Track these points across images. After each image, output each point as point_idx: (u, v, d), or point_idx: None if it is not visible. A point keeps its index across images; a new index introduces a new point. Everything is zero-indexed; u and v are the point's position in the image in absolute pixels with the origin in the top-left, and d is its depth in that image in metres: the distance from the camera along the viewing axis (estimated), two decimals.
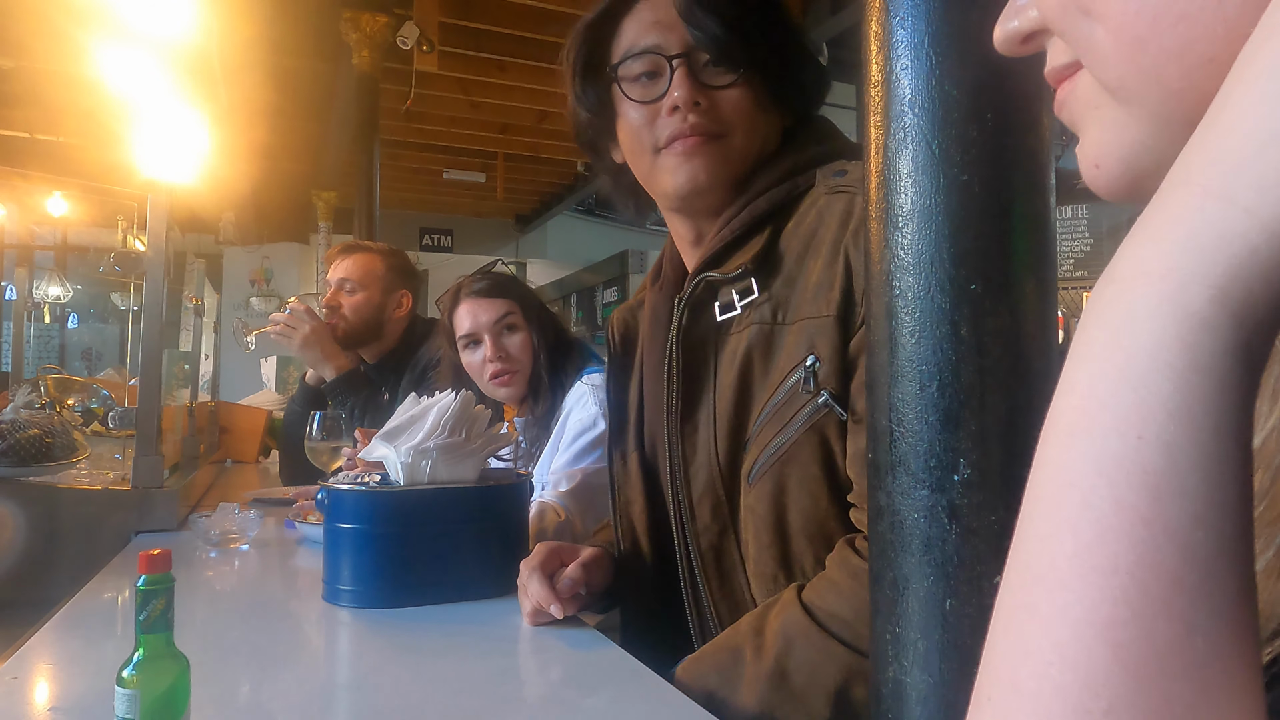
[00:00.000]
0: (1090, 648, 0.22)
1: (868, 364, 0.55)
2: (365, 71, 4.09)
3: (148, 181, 1.84)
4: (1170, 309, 0.24)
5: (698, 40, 0.95)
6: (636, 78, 0.98)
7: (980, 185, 0.49)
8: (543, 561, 1.07)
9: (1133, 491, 0.23)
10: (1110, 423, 0.24)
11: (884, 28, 0.51)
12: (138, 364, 1.86)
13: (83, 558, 1.52)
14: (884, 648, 0.51)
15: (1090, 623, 0.23)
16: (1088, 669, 0.22)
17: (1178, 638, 0.22)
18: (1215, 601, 0.22)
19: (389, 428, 1.26)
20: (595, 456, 1.57)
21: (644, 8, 0.99)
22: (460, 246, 8.63)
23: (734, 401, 0.93)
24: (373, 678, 0.95)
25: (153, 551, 0.64)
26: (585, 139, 1.10)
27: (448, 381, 1.76)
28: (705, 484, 0.96)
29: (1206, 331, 0.23)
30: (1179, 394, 0.23)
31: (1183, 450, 0.23)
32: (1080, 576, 0.23)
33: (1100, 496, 0.24)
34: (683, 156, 0.96)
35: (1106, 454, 0.24)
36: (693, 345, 0.97)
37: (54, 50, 2.56)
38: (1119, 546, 0.23)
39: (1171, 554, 0.22)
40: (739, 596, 0.96)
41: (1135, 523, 0.23)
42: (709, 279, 0.95)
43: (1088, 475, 0.24)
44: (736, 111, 0.96)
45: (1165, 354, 0.23)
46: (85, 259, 6.08)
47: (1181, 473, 0.23)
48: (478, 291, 1.74)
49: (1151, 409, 0.23)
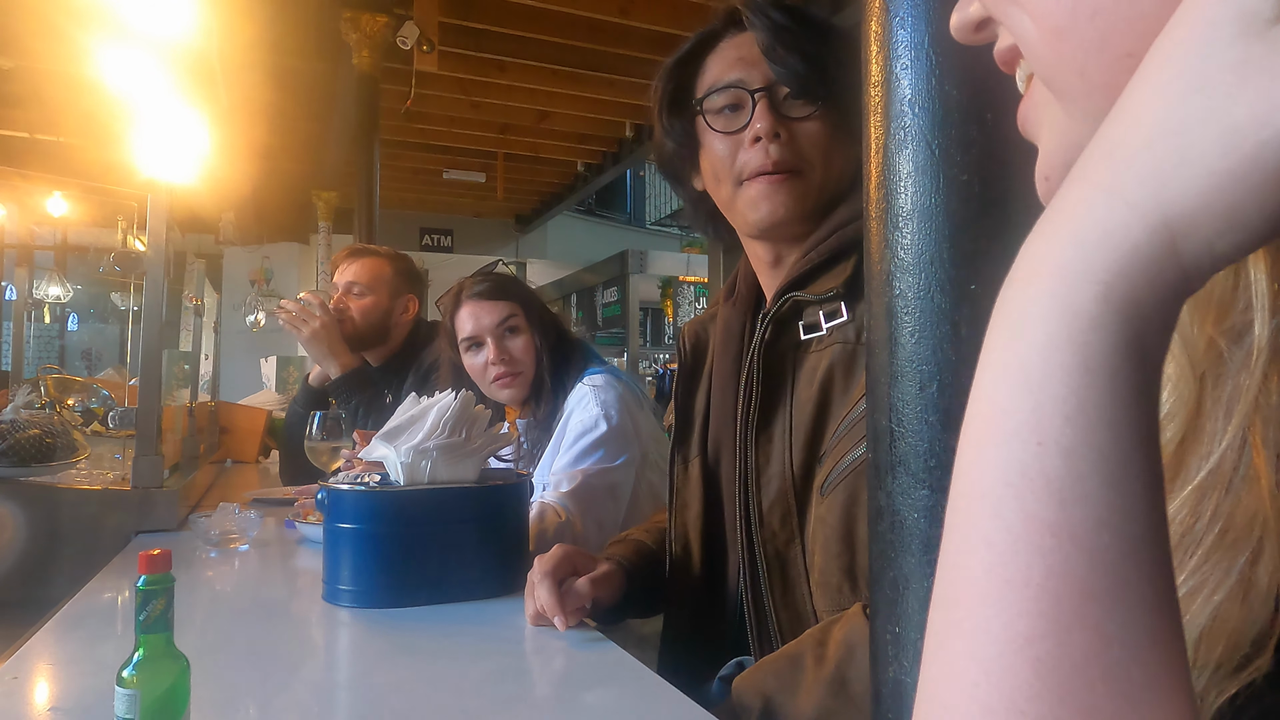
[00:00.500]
0: (1011, 664, 0.22)
1: (868, 364, 0.55)
2: (365, 71, 4.08)
3: (148, 181, 1.84)
4: (1059, 308, 0.23)
5: (778, 75, 1.00)
6: (720, 110, 1.04)
7: (980, 185, 0.49)
8: (555, 567, 1.07)
9: (1037, 500, 0.23)
10: (1012, 429, 0.24)
11: (884, 28, 0.51)
12: (138, 364, 1.86)
13: (83, 558, 1.52)
14: (884, 648, 0.51)
15: (1010, 639, 0.22)
16: (1012, 686, 0.22)
17: (1093, 647, 0.22)
18: (1129, 607, 0.22)
19: (389, 428, 1.26)
20: (596, 458, 1.57)
21: (727, 46, 1.05)
22: (460, 246, 8.62)
23: (812, 415, 0.96)
24: (373, 678, 0.95)
25: (153, 551, 0.64)
26: (669, 169, 1.15)
27: (448, 382, 1.75)
28: (777, 493, 0.98)
29: (1095, 330, 0.23)
30: (1073, 396, 0.23)
31: (1081, 454, 0.23)
32: (996, 590, 0.23)
33: (1008, 507, 0.23)
34: (765, 191, 1.01)
35: (1010, 462, 0.23)
36: (773, 360, 1.00)
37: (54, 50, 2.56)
38: (1029, 557, 0.23)
39: (1080, 562, 0.22)
40: (801, 607, 0.97)
41: (1042, 532, 0.23)
42: (796, 299, 0.98)
43: (996, 485, 0.24)
44: (815, 145, 1.01)
45: (1057, 355, 0.23)
46: (85, 259, 6.08)
47: (1082, 477, 0.22)
48: (479, 293, 1.73)
49: (1048, 413, 0.23)
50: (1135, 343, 0.23)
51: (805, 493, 0.97)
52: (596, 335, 7.14)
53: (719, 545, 1.09)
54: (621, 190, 10.52)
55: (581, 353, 1.79)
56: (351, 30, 4.03)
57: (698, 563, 1.11)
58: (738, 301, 1.13)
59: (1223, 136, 0.22)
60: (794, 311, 0.99)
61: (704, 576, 1.11)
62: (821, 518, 0.94)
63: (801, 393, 0.98)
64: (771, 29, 1.00)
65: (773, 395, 1.00)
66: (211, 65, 2.28)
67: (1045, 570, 0.22)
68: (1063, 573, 0.22)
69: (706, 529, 1.11)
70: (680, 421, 1.16)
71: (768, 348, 1.00)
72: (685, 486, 1.14)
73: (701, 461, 1.12)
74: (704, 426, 1.14)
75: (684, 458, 1.15)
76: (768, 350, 1.00)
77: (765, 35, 1.00)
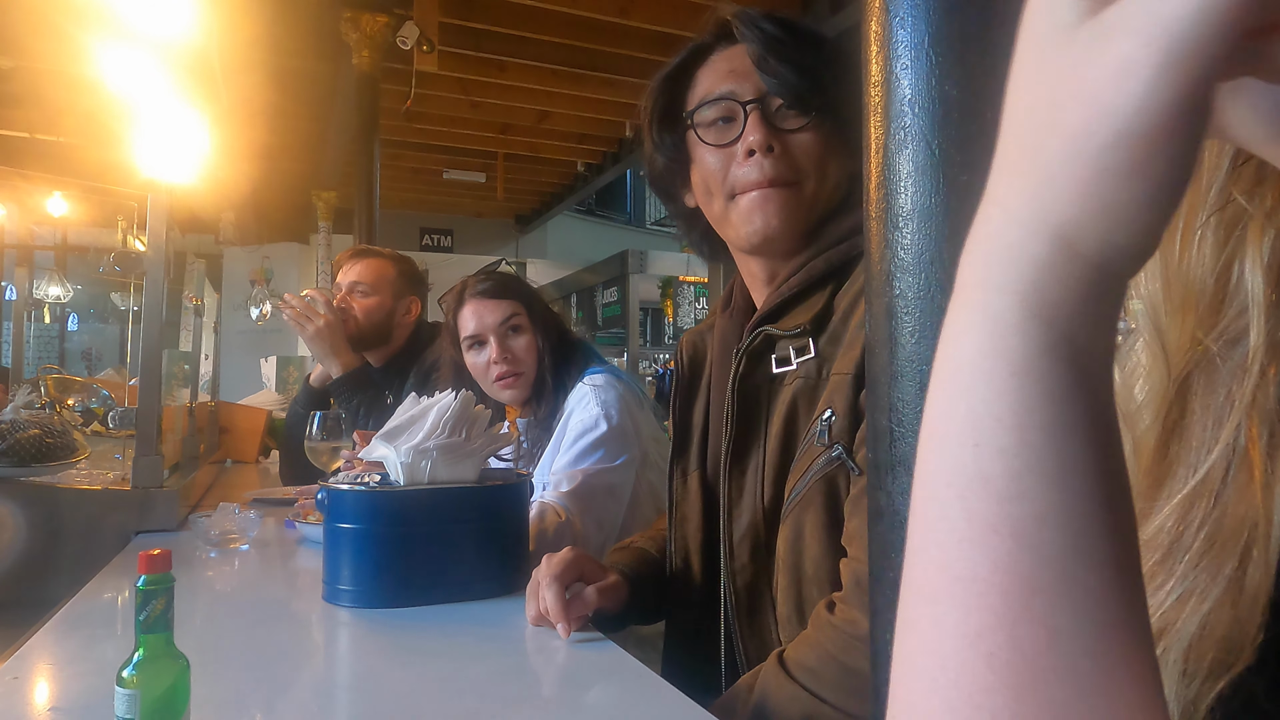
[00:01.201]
0: (966, 659, 0.23)
1: (868, 364, 0.55)
2: (365, 71, 4.08)
3: (148, 181, 1.84)
4: (982, 318, 0.24)
5: (771, 87, 0.99)
6: (712, 123, 1.02)
7: (980, 185, 0.49)
8: (563, 571, 1.06)
9: (978, 499, 0.23)
10: (952, 433, 0.24)
11: (884, 28, 0.51)
12: (138, 364, 1.86)
13: (83, 558, 1.52)
14: (884, 648, 0.51)
15: (963, 634, 0.23)
16: (968, 681, 0.22)
17: (1043, 640, 0.22)
18: (1076, 600, 0.22)
19: (389, 428, 1.26)
20: (597, 458, 1.56)
21: (718, 58, 1.03)
22: (460, 246, 8.62)
23: (779, 450, 0.96)
24: (373, 678, 0.95)
25: (153, 551, 0.64)
26: (660, 185, 1.13)
27: (449, 381, 1.75)
28: (747, 526, 0.99)
29: (1017, 335, 0.24)
30: (1002, 399, 0.24)
31: (1015, 453, 0.23)
32: (947, 588, 0.23)
33: (953, 508, 0.24)
34: (756, 204, 0.99)
35: (953, 465, 0.24)
36: (747, 393, 1.00)
37: (54, 50, 2.56)
38: (975, 554, 0.23)
39: (1023, 558, 0.23)
40: (767, 636, 0.98)
41: (985, 530, 0.23)
42: (768, 333, 0.98)
43: (941, 487, 0.24)
44: (808, 156, 1.00)
45: (985, 361, 0.24)
46: (85, 259, 6.08)
47: (1018, 475, 0.23)
48: (482, 292, 1.73)
49: (980, 416, 0.24)
50: (1062, 344, 0.24)
51: (774, 526, 0.97)
52: (596, 335, 7.14)
53: (719, 558, 1.09)
54: (621, 190, 10.51)
55: (583, 353, 1.78)
56: (351, 30, 4.03)
57: (698, 575, 1.11)
58: (734, 313, 1.13)
59: (1066, 144, 0.23)
60: (767, 345, 0.99)
61: (704, 589, 1.10)
62: (777, 550, 0.96)
63: (774, 426, 0.98)
64: (763, 40, 0.99)
65: (748, 429, 1.00)
66: (211, 65, 2.27)
67: (991, 566, 0.23)
68: (1008, 568, 0.23)
69: (706, 542, 1.11)
70: (679, 434, 1.16)
71: (742, 380, 1.00)
72: (684, 499, 1.13)
73: (700, 475, 1.12)
74: (703, 439, 1.13)
75: (683, 470, 1.14)
76: (742, 383, 1.00)
77: (757, 46, 0.99)
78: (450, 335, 1.77)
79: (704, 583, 1.11)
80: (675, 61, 1.07)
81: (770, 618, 0.98)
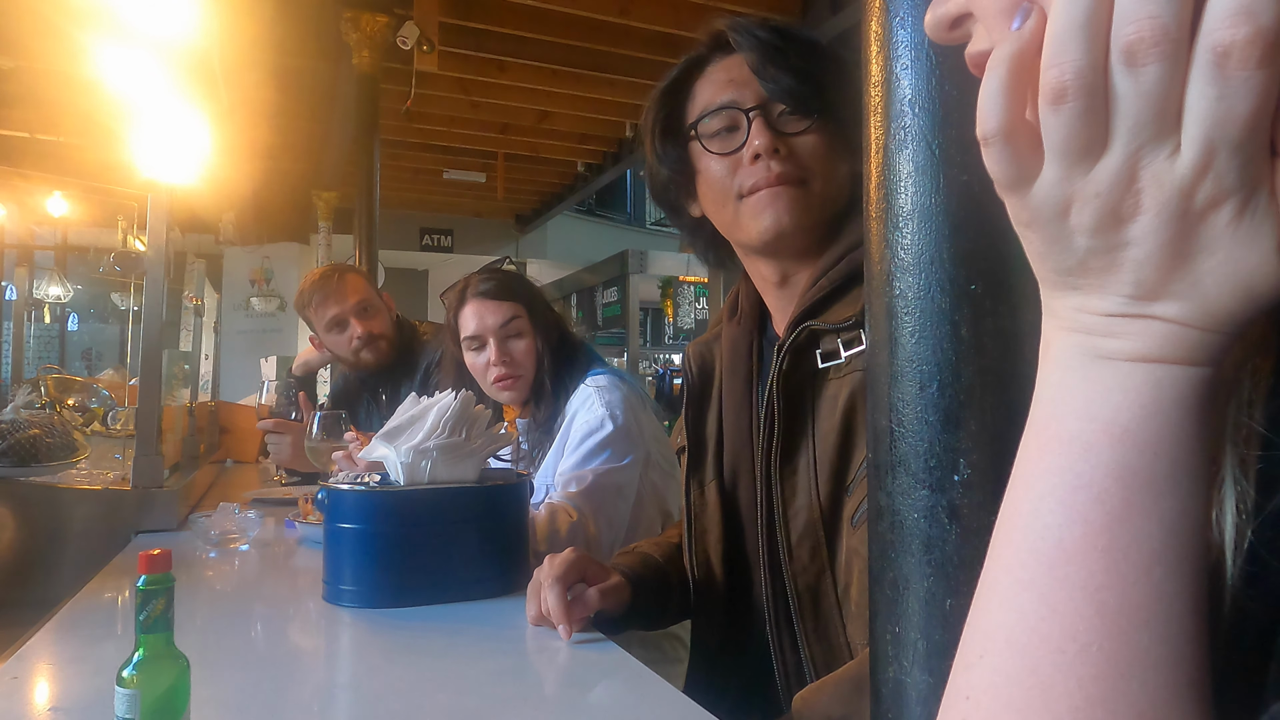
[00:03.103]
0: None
1: (868, 364, 0.55)
2: (365, 71, 4.08)
3: (148, 181, 1.84)
4: (1054, 442, 0.29)
5: (772, 93, 0.99)
6: (716, 133, 1.03)
7: (980, 185, 0.49)
8: (565, 572, 1.06)
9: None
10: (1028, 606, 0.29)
11: (884, 28, 0.51)
12: (138, 364, 1.86)
13: (83, 558, 1.52)
14: (884, 648, 0.51)
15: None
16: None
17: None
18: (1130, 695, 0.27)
19: (389, 428, 1.26)
20: (604, 458, 1.56)
21: (715, 70, 1.04)
22: (460, 246, 8.62)
23: (836, 446, 0.95)
24: (373, 678, 0.95)
25: (153, 551, 0.64)
26: (665, 198, 1.13)
27: (450, 377, 1.75)
28: (805, 526, 0.97)
29: (1084, 454, 0.28)
30: (1066, 527, 0.28)
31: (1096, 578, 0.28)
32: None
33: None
34: (766, 201, 0.99)
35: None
36: (791, 390, 0.99)
37: (54, 50, 2.56)
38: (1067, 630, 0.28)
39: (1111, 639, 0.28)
40: (834, 639, 0.97)
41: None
42: (812, 328, 0.97)
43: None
44: (814, 156, 1.00)
45: (1057, 491, 0.29)
46: (85, 259, 6.08)
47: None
48: (484, 293, 1.72)
49: (1055, 544, 0.28)
50: (1121, 464, 0.29)
51: (834, 524, 0.96)
52: (596, 335, 7.13)
53: (742, 567, 1.08)
54: (621, 190, 10.51)
55: (584, 354, 1.78)
56: (352, 30, 4.03)
57: (721, 585, 1.11)
58: (742, 320, 1.12)
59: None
60: (810, 340, 0.98)
61: (728, 599, 1.10)
62: (855, 549, 0.93)
63: (824, 423, 0.96)
64: (760, 48, 1.00)
65: (793, 427, 0.98)
66: (212, 65, 2.27)
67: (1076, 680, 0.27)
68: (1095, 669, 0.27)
69: (728, 553, 1.10)
70: (693, 445, 1.15)
71: (785, 378, 0.98)
72: (703, 512, 1.13)
73: (718, 485, 1.11)
74: (718, 449, 1.13)
75: (699, 481, 1.14)
76: (785, 381, 0.98)
77: (754, 55, 1.00)
78: (451, 333, 1.77)
79: (729, 593, 1.10)
80: (672, 75, 1.08)
81: (836, 617, 0.96)
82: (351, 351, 2.32)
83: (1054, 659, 0.27)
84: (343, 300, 2.32)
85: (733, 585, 1.10)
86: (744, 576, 1.08)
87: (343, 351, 2.35)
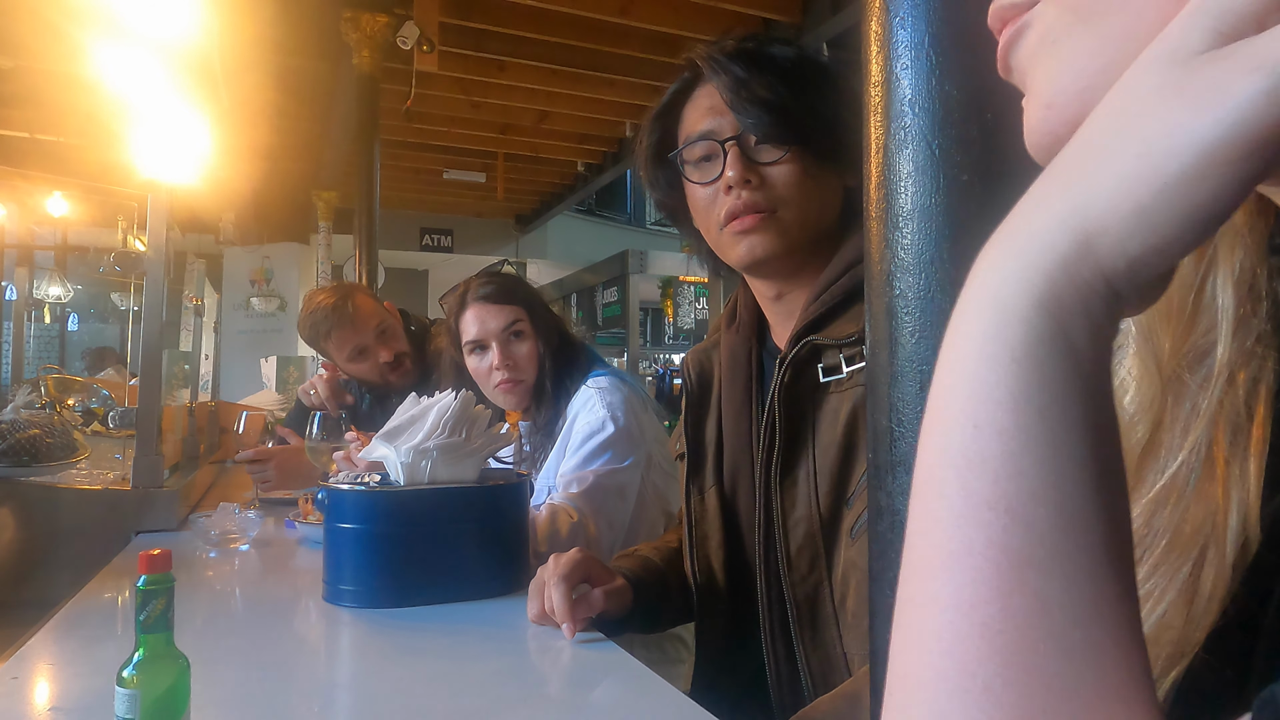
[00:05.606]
0: (960, 629, 0.24)
1: (868, 364, 0.55)
2: (365, 71, 4.09)
3: (148, 181, 1.84)
4: (990, 306, 0.26)
5: (745, 126, 1.02)
6: (697, 161, 1.06)
7: (980, 185, 0.49)
8: (570, 572, 1.06)
9: (975, 477, 0.25)
10: (952, 415, 0.26)
11: (884, 28, 0.51)
12: (137, 364, 1.86)
13: (83, 558, 1.52)
14: (884, 647, 0.51)
15: (957, 605, 0.24)
16: (962, 650, 0.23)
17: (1034, 610, 0.23)
18: (1066, 574, 0.23)
19: (389, 428, 1.26)
20: (605, 459, 1.56)
21: (700, 94, 1.07)
22: (460, 246, 8.62)
23: (837, 459, 0.96)
24: (373, 678, 0.95)
25: (153, 551, 0.64)
26: (667, 211, 1.17)
27: (450, 379, 1.75)
28: (804, 537, 0.98)
29: (1020, 323, 0.25)
30: (1001, 384, 0.25)
31: (1012, 434, 0.24)
32: (943, 563, 0.25)
33: (950, 486, 0.25)
34: (740, 234, 1.03)
35: (951, 445, 0.26)
36: (792, 402, 1.00)
37: (54, 50, 2.56)
38: (971, 530, 0.24)
39: (1017, 532, 0.24)
40: (831, 650, 0.97)
41: (980, 506, 0.24)
42: (815, 343, 0.98)
43: (939, 467, 0.26)
44: (786, 185, 1.02)
45: (988, 346, 0.26)
46: (85, 259, 6.08)
47: (1014, 455, 0.24)
48: (485, 297, 1.71)
49: (981, 399, 0.25)
50: (1060, 336, 0.25)
51: (833, 536, 0.97)
52: (596, 335, 7.13)
53: (743, 574, 1.09)
54: (621, 190, 10.51)
55: (585, 357, 1.78)
56: (352, 30, 4.03)
57: (724, 591, 1.11)
58: (740, 329, 1.14)
59: (1132, 147, 0.24)
60: (812, 354, 0.99)
61: (730, 603, 1.11)
62: (853, 561, 0.94)
63: (824, 436, 0.97)
64: (733, 84, 1.01)
65: (794, 439, 0.99)
66: (212, 65, 2.27)
67: (985, 541, 0.24)
68: (1002, 543, 0.24)
69: (729, 559, 1.11)
70: (692, 452, 1.16)
71: (786, 390, 0.99)
72: (704, 518, 1.14)
73: (718, 492, 1.12)
74: (717, 456, 1.13)
75: (699, 488, 1.14)
76: (787, 393, 0.99)
77: (727, 91, 1.02)
78: (451, 337, 1.76)
79: (732, 598, 1.10)
80: (663, 100, 1.11)
81: (833, 630, 0.97)
82: (379, 375, 2.29)
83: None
84: (362, 329, 2.25)
85: (735, 591, 1.10)
86: (745, 583, 1.08)
87: (370, 378, 2.30)
